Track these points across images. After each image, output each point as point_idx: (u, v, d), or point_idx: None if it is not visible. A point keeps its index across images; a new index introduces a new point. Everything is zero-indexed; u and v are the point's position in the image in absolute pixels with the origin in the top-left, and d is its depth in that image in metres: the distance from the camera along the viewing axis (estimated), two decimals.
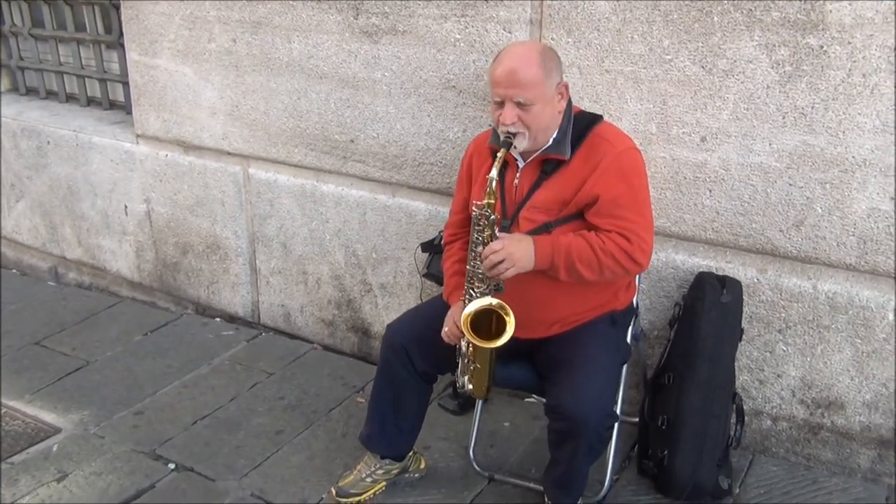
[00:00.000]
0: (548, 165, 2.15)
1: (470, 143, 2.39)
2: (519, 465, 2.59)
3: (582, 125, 2.16)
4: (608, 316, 2.24)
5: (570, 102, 2.19)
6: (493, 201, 2.03)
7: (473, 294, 2.12)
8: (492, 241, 2.04)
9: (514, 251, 2.02)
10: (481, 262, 2.06)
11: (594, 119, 2.20)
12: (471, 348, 2.16)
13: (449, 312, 2.25)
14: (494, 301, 2.06)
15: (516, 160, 2.19)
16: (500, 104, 2.08)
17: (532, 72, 2.04)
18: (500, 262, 2.01)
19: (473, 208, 2.07)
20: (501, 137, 2.09)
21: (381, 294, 3.19)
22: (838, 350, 2.40)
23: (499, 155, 2.04)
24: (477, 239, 2.08)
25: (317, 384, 3.13)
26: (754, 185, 2.36)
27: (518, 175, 2.19)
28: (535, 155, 2.16)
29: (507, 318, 2.03)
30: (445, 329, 2.22)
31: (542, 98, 2.06)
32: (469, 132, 2.75)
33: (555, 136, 2.14)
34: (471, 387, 2.25)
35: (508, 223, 2.17)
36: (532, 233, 2.12)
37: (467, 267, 2.14)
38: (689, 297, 2.49)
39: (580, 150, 2.13)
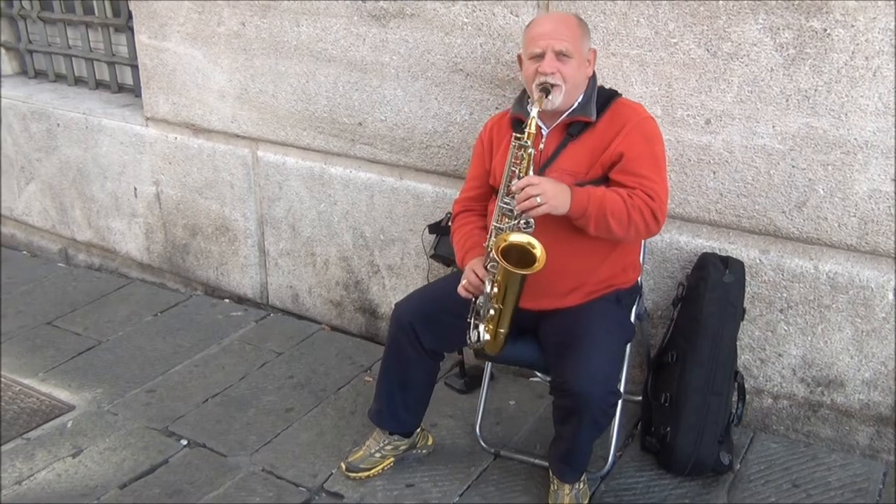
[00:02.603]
0: (573, 128, 2.20)
1: (487, 121, 2.43)
2: (524, 442, 2.65)
3: (605, 96, 2.25)
4: (613, 294, 2.28)
5: (594, 73, 2.26)
6: (533, 132, 2.05)
7: (502, 229, 2.10)
8: (527, 174, 2.07)
9: (550, 189, 2.03)
10: (513, 197, 2.06)
11: (614, 93, 2.28)
12: (495, 288, 2.11)
13: (468, 266, 2.23)
14: (529, 238, 2.02)
15: (540, 127, 2.21)
16: (538, 57, 2.13)
17: (571, 27, 2.16)
18: (535, 195, 2.01)
19: (512, 141, 2.10)
20: (538, 90, 2.11)
21: (389, 275, 3.24)
22: (839, 329, 2.44)
23: (539, 97, 2.08)
24: (512, 171, 2.10)
25: (325, 363, 3.18)
26: (758, 166, 2.39)
27: (543, 140, 2.22)
28: (560, 119, 2.21)
29: (535, 252, 2.00)
30: (464, 282, 2.19)
31: (578, 54, 2.15)
32: (476, 115, 2.78)
33: (581, 99, 2.20)
34: (487, 337, 2.17)
35: None
36: None
37: (498, 204, 2.12)
38: (693, 277, 2.53)
39: (605, 114, 2.20)
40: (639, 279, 2.43)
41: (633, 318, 2.39)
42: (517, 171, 2.09)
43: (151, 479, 2.55)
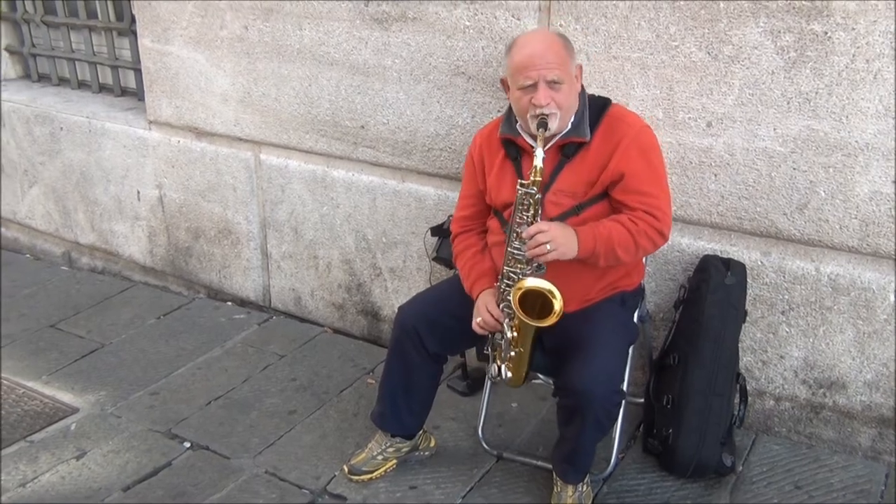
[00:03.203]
0: (568, 149, 2.19)
1: (475, 137, 2.41)
2: (526, 444, 2.65)
3: (596, 107, 2.22)
4: (618, 296, 2.29)
5: (583, 87, 2.24)
6: (538, 179, 2.04)
7: (515, 276, 2.12)
8: (535, 221, 2.07)
9: (559, 235, 2.04)
10: (523, 242, 2.07)
11: (605, 102, 2.25)
12: (514, 333, 2.15)
13: (479, 302, 2.24)
14: (552, 287, 2.03)
15: (533, 147, 2.20)
16: (530, 88, 2.09)
17: (559, 51, 2.11)
18: (545, 242, 2.02)
19: (518, 188, 2.08)
20: (534, 122, 2.09)
21: (391, 278, 3.25)
22: (840, 331, 2.45)
23: (540, 132, 2.06)
24: (521, 219, 2.09)
25: (328, 366, 3.19)
26: (759, 169, 2.40)
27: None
28: (554, 140, 2.19)
29: (553, 300, 2.02)
30: (478, 320, 2.21)
31: (567, 77, 2.11)
32: (478, 118, 2.79)
33: (573, 119, 2.18)
34: (510, 375, 2.25)
35: None
36: (562, 216, 2.16)
37: (507, 249, 2.14)
38: (694, 279, 2.54)
39: (599, 131, 2.18)
40: (642, 281, 2.44)
41: (635, 320, 2.40)
42: (526, 218, 2.08)
43: (155, 482, 2.56)
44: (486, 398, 2.65)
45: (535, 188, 2.05)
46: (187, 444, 2.74)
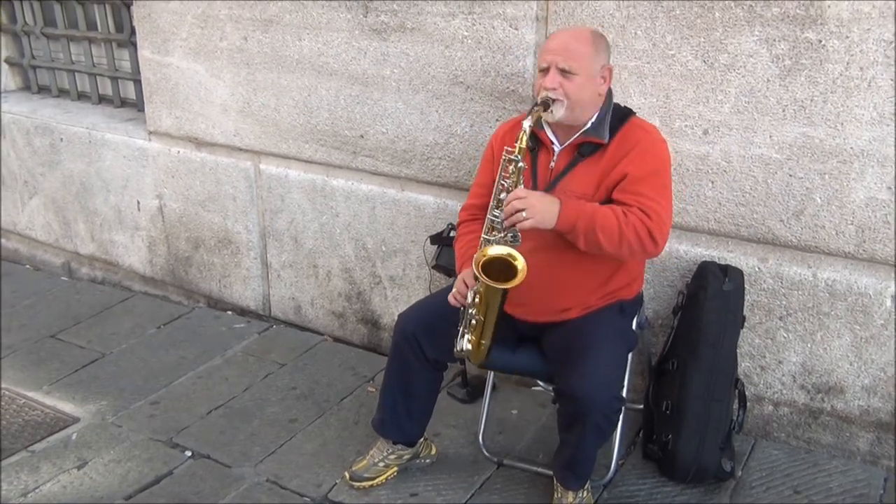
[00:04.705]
0: (584, 148, 2.20)
1: (499, 127, 2.43)
2: (527, 451, 2.66)
3: (620, 114, 2.23)
4: (617, 304, 2.30)
5: (610, 91, 2.24)
6: (524, 146, 2.06)
7: (490, 242, 2.11)
8: (516, 188, 2.08)
9: (537, 203, 2.05)
10: (503, 210, 2.07)
11: (629, 111, 2.27)
12: (477, 298, 2.13)
13: (460, 275, 2.26)
14: (509, 250, 2.03)
15: (553, 144, 2.23)
16: (545, 71, 2.14)
17: (581, 43, 2.13)
18: (521, 210, 2.03)
19: (504, 153, 2.09)
20: (536, 104, 2.12)
21: (391, 286, 3.26)
22: (838, 336, 2.46)
23: (536, 109, 2.08)
24: (502, 185, 2.10)
25: (328, 374, 3.20)
26: (755, 176, 2.42)
27: (554, 158, 2.23)
28: (573, 138, 2.21)
29: (515, 262, 2.02)
30: (454, 290, 2.22)
31: (585, 71, 2.12)
32: (476, 127, 2.82)
33: (594, 119, 2.19)
34: (469, 347, 2.19)
35: None
36: None
37: (488, 216, 2.13)
38: (693, 285, 2.56)
39: (617, 136, 2.18)
40: (641, 290, 2.45)
41: (634, 327, 2.41)
42: (506, 185, 2.10)
43: (156, 491, 2.56)
44: (486, 405, 2.66)
45: (519, 156, 2.06)
46: (188, 453, 2.74)
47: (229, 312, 3.79)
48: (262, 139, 3.38)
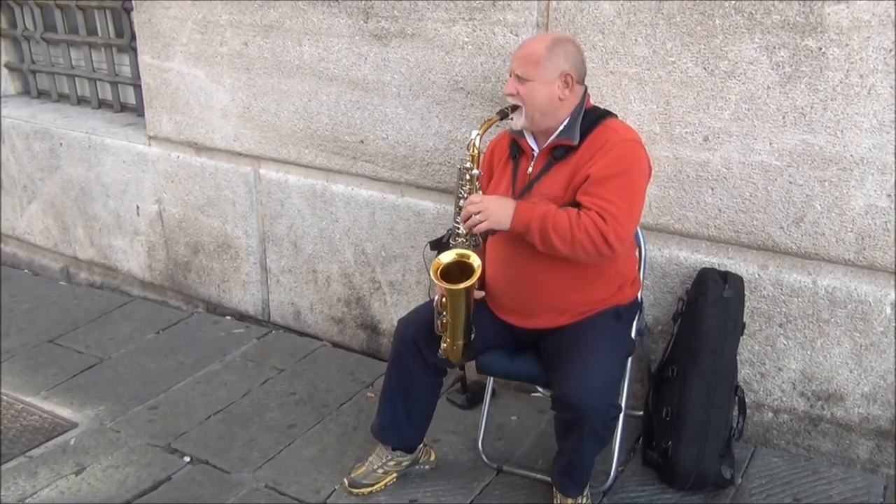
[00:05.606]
0: (557, 152, 2.23)
1: (490, 142, 2.46)
2: (526, 457, 2.66)
3: (593, 117, 2.24)
4: (613, 310, 2.30)
5: (585, 95, 2.26)
6: (475, 154, 2.18)
7: (453, 247, 2.24)
8: (472, 195, 2.18)
9: (491, 206, 2.13)
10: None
11: (606, 113, 2.28)
12: (444, 299, 2.23)
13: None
14: (460, 251, 2.18)
15: (533, 150, 2.27)
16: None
17: (536, 51, 2.18)
18: (476, 213, 2.12)
19: (459, 164, 2.21)
20: (498, 111, 2.24)
21: (390, 292, 3.26)
22: (837, 343, 2.46)
23: (491, 117, 2.23)
24: (460, 194, 2.20)
25: (327, 380, 3.19)
26: (755, 183, 2.42)
27: (532, 163, 2.26)
28: (547, 142, 2.24)
29: (469, 260, 2.15)
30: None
31: (540, 77, 2.16)
32: None
33: (566, 122, 2.22)
34: (444, 345, 2.29)
35: None
36: None
37: (451, 225, 2.25)
38: (692, 292, 2.55)
39: (588, 138, 2.20)
40: (639, 294, 2.45)
41: (633, 334, 2.41)
42: (463, 193, 2.20)
43: (155, 496, 2.55)
44: (485, 411, 2.66)
45: (473, 164, 2.18)
46: (187, 459, 2.74)
47: (228, 317, 3.79)
48: (262, 144, 3.38)
